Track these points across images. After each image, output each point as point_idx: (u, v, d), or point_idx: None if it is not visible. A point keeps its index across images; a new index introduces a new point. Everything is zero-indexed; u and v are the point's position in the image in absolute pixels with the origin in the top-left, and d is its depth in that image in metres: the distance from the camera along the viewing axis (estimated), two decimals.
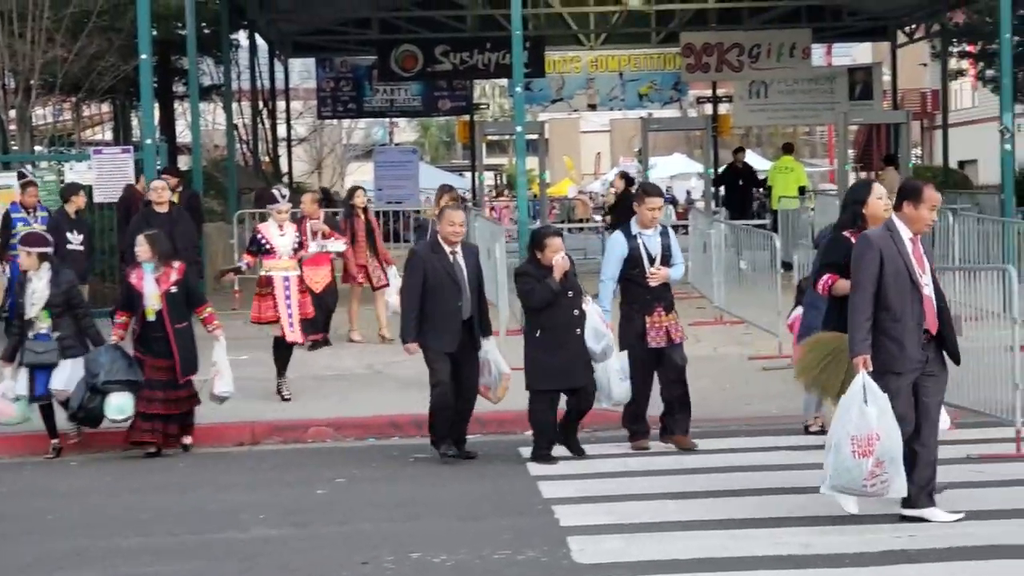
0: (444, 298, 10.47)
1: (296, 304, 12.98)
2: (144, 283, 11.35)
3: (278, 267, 13.05)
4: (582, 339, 10.39)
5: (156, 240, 11.55)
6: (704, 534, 8.21)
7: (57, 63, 19.79)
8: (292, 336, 12.92)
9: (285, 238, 13.17)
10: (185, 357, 11.37)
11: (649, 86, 33.87)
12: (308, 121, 43.82)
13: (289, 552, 8.13)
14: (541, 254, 10.44)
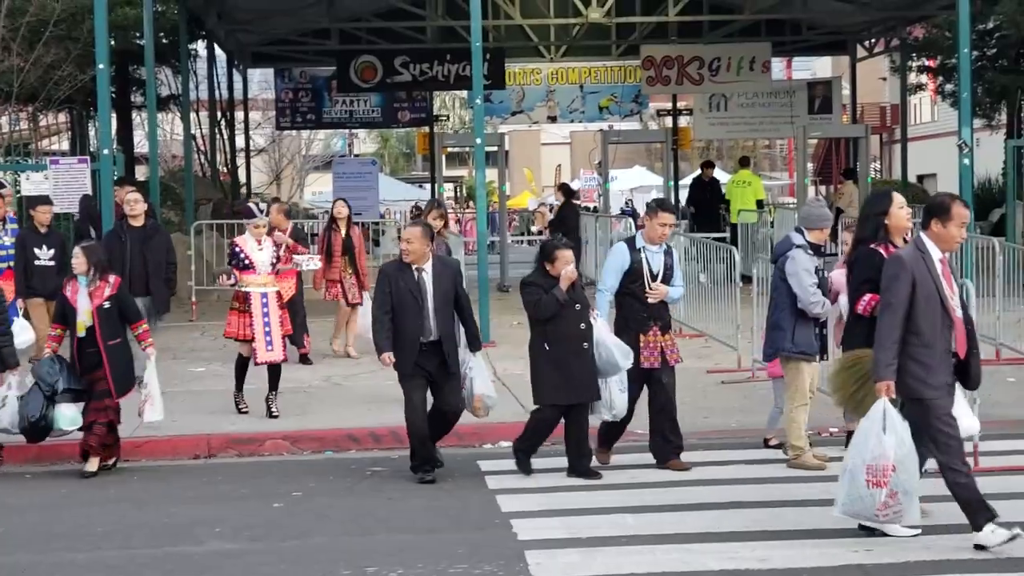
0: (404, 317, 10.25)
1: (275, 321, 12.65)
2: (78, 297, 11.01)
3: (256, 283, 12.73)
4: (590, 353, 10.16)
5: (91, 252, 11.19)
6: (661, 548, 8.20)
7: (13, 72, 19.63)
8: (269, 356, 12.54)
9: (263, 253, 12.87)
10: (118, 375, 10.97)
11: (609, 99, 33.94)
12: (267, 132, 43.69)
13: (245, 566, 8.06)
14: (551, 265, 10.24)
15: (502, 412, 12.43)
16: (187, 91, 25.24)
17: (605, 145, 28.05)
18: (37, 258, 14.77)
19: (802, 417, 10.43)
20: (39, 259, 14.80)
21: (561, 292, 10.14)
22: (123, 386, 11.04)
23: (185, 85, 25.13)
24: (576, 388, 10.16)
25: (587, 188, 52.35)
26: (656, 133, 35.98)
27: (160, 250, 14.44)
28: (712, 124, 32.21)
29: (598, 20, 28.87)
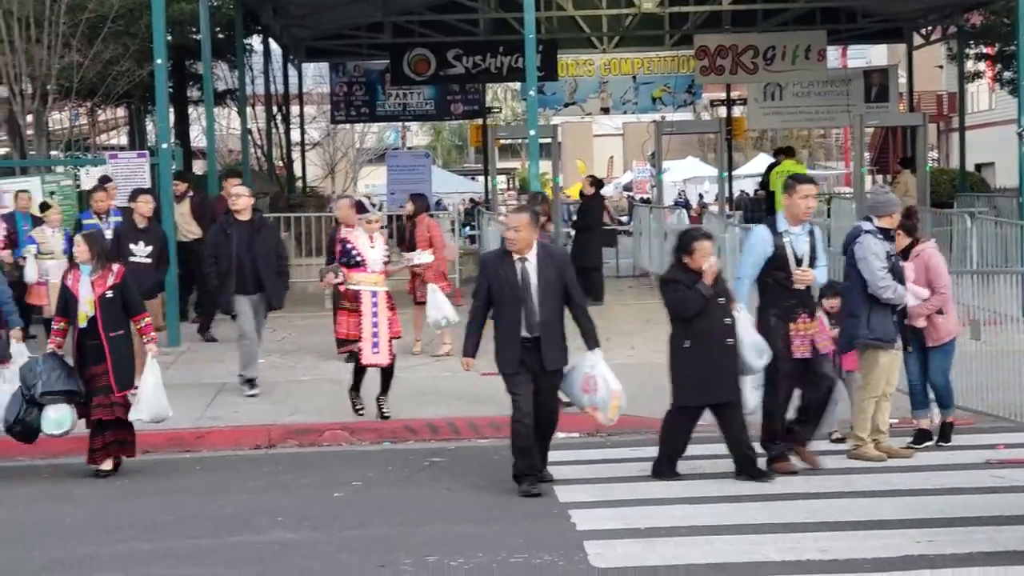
0: (505, 310, 9.59)
1: (384, 322, 12.11)
2: (80, 286, 10.63)
3: (367, 281, 12.23)
4: (733, 350, 9.65)
5: (94, 240, 10.85)
6: (721, 539, 8.19)
7: (73, 68, 19.88)
8: (375, 359, 12.04)
9: (375, 250, 12.36)
10: (120, 369, 10.57)
11: (662, 89, 33.84)
12: (321, 125, 43.89)
13: (306, 556, 8.13)
14: (689, 258, 9.68)
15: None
16: (243, 86, 25.41)
17: (659, 136, 27.96)
18: (132, 254, 13.84)
19: (871, 409, 10.29)
20: (135, 255, 13.84)
21: (706, 287, 9.61)
22: (124, 380, 10.64)
23: (241, 80, 25.30)
24: (721, 386, 9.66)
25: (640, 179, 52.27)
26: (710, 123, 35.77)
27: (269, 244, 13.67)
28: (767, 113, 32.03)
29: (651, 10, 28.86)
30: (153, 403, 10.68)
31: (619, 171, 64.52)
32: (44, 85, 19.83)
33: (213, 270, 13.33)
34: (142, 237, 13.96)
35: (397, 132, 59.44)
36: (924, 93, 42.91)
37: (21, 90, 19.93)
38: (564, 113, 36.34)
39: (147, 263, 13.86)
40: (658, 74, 33.66)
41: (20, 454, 11.51)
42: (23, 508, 9.75)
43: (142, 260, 13.81)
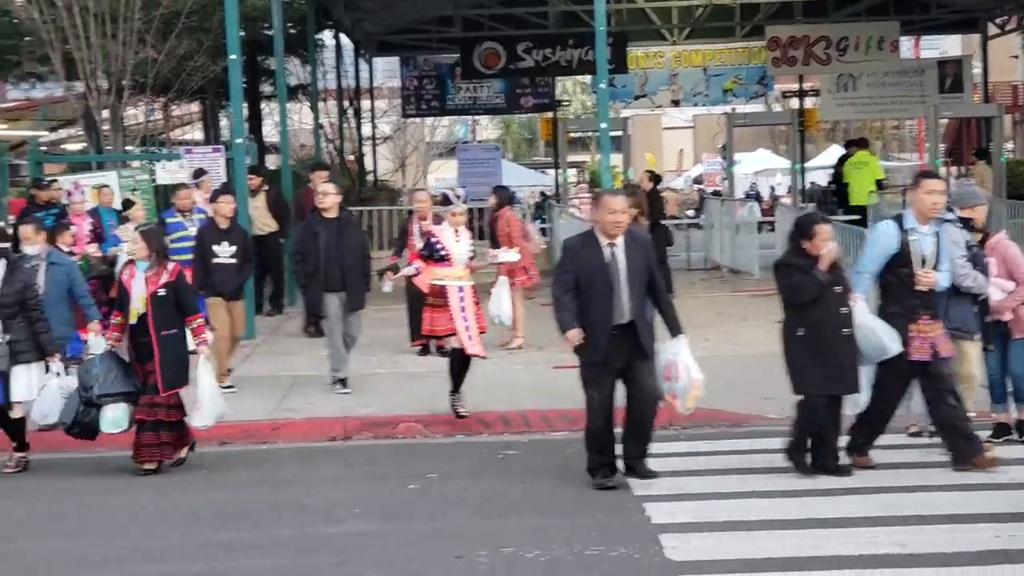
0: (593, 298, 9.26)
1: (472, 316, 11.93)
2: (133, 282, 10.52)
3: (452, 276, 11.96)
4: (850, 340, 9.37)
5: (152, 236, 10.71)
6: (797, 533, 8.16)
7: (148, 64, 20.09)
8: (473, 348, 11.85)
9: (461, 244, 12.10)
10: (169, 368, 10.40)
11: (734, 81, 33.67)
12: (392, 119, 44.06)
13: (383, 546, 8.19)
14: (809, 243, 9.38)
15: None
16: (315, 81, 25.60)
17: (730, 128, 27.86)
18: (216, 255, 13.44)
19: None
20: (218, 256, 13.46)
21: (822, 273, 9.34)
22: (171, 380, 10.46)
23: (313, 75, 25.48)
24: (836, 379, 9.41)
25: (710, 172, 52.04)
26: (782, 115, 35.53)
27: (355, 241, 13.42)
28: (840, 105, 31.77)
29: (722, 1, 28.71)
30: (213, 406, 10.66)
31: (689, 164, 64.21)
32: (119, 80, 20.07)
33: (301, 268, 13.25)
34: (225, 237, 13.58)
35: (467, 126, 59.56)
36: (999, 84, 42.27)
37: (97, 85, 20.19)
38: (634, 106, 36.27)
39: (231, 264, 13.53)
40: (729, 66, 33.51)
41: (98, 446, 11.67)
42: (104, 497, 9.90)
43: (226, 261, 13.48)
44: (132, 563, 8.05)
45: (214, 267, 13.36)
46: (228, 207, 13.73)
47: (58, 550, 8.40)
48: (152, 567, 7.97)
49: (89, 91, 20.25)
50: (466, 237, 12.20)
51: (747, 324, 16.30)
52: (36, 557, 8.27)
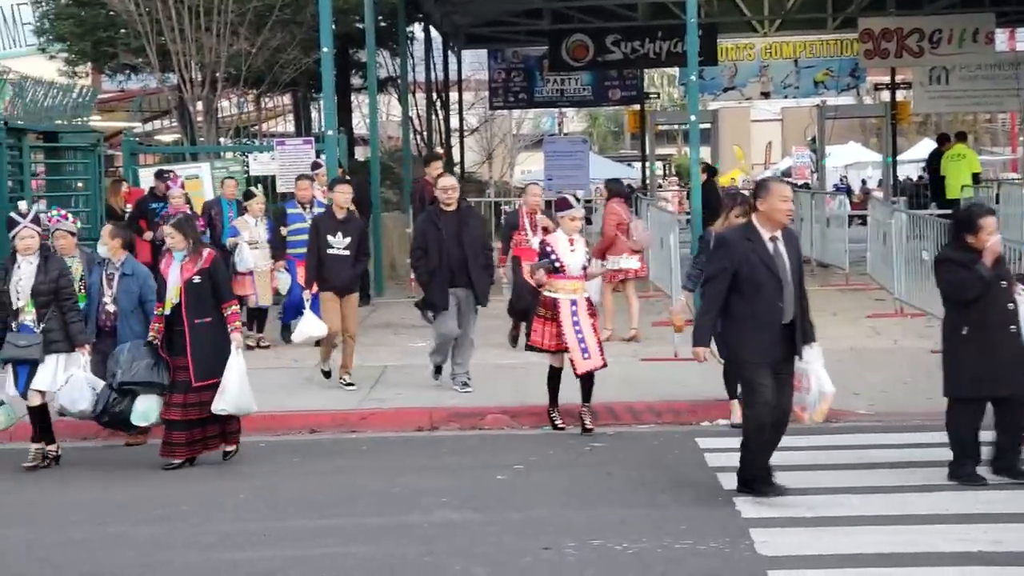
0: (759, 296, 8.63)
1: (588, 327, 11.25)
2: (170, 271, 10.40)
3: (565, 288, 11.32)
4: (1017, 338, 8.96)
5: (185, 226, 10.50)
6: (889, 529, 8.07)
7: (241, 56, 20.28)
8: (588, 364, 11.17)
9: (576, 254, 11.40)
10: (200, 358, 10.24)
11: (825, 73, 33.34)
12: (479, 112, 44.16)
13: (471, 536, 8.23)
14: (974, 237, 8.97)
15: (719, 391, 12.42)
16: (405, 73, 25.71)
17: (822, 121, 27.61)
18: (331, 246, 12.96)
19: None
20: (332, 247, 12.96)
21: (986, 268, 8.93)
22: (204, 370, 10.26)
23: (403, 67, 25.61)
24: (1003, 378, 8.96)
25: (799, 165, 51.53)
26: (874, 108, 35.17)
27: (477, 235, 12.82)
28: (932, 98, 31.37)
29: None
30: (237, 395, 10.34)
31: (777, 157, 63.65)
32: (213, 73, 20.28)
33: (422, 265, 12.67)
34: (340, 228, 13.03)
35: (553, 118, 59.50)
36: None
37: (191, 77, 20.43)
38: (723, 98, 36.07)
39: (345, 255, 13.00)
40: (820, 57, 33.20)
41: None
42: (196, 484, 10.04)
43: (340, 252, 12.97)
44: (219, 549, 8.15)
45: (327, 258, 12.94)
46: (345, 196, 13.20)
47: (147, 537, 8.52)
48: (239, 553, 8.06)
49: (183, 83, 20.49)
50: (581, 246, 11.53)
51: (836, 319, 16.13)
52: (125, 542, 8.40)
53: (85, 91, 18.54)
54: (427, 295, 12.85)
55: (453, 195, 12.62)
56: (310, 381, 13.57)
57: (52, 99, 16.89)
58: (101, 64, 24.73)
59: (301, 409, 12.33)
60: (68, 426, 11.44)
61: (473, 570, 7.53)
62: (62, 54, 24.81)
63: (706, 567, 7.44)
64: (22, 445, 10.90)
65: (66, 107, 17.19)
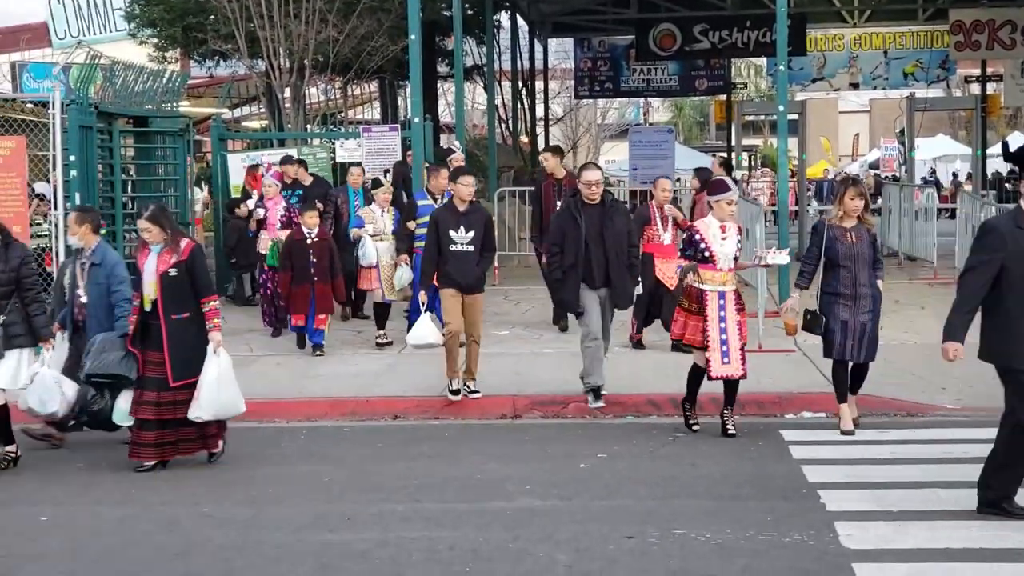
0: None
1: (733, 326, 10.67)
2: (146, 265, 9.80)
3: (714, 281, 10.73)
4: None
5: (160, 217, 9.85)
6: (976, 523, 8.00)
7: (329, 43, 20.44)
8: (726, 370, 10.63)
9: (727, 243, 10.75)
10: (178, 356, 9.66)
11: (915, 65, 32.93)
12: (564, 101, 44.17)
13: (555, 523, 8.26)
14: None
15: (803, 382, 12.40)
16: (491, 61, 25.77)
17: (911, 112, 27.28)
18: (453, 242, 12.10)
19: None
20: (454, 243, 12.10)
21: None
22: (182, 370, 9.71)
23: (489, 55, 25.67)
24: None
25: (887, 157, 50.99)
26: (964, 100, 34.65)
27: (620, 231, 11.85)
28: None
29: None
30: (214, 400, 9.79)
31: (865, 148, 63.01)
32: (301, 59, 20.47)
33: (556, 262, 11.82)
34: (463, 222, 12.13)
35: (638, 108, 59.33)
36: None
37: (279, 64, 20.63)
38: (811, 89, 35.72)
39: (468, 251, 12.14)
40: (910, 49, 32.77)
41: (279, 416, 12.03)
42: (282, 467, 10.17)
43: (463, 248, 12.12)
44: (309, 531, 8.25)
45: (449, 256, 12.08)
46: (468, 189, 12.31)
47: (238, 518, 8.65)
48: (329, 535, 8.15)
49: (271, 70, 20.69)
50: (734, 233, 10.81)
51: (924, 313, 15.97)
52: (217, 522, 8.53)
53: (175, 76, 18.76)
54: (558, 294, 12.27)
55: (597, 190, 11.75)
56: (393, 368, 13.68)
57: (142, 84, 17.10)
58: (190, 50, 25.03)
59: (385, 395, 12.44)
60: None
61: (557, 556, 7.57)
62: (152, 40, 25.16)
63: (790, 559, 7.42)
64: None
65: (156, 92, 17.40)
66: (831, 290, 10.67)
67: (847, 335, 10.59)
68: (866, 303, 10.65)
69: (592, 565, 7.41)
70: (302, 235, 14.31)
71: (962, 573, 7.09)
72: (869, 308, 10.67)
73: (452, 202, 12.36)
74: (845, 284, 10.61)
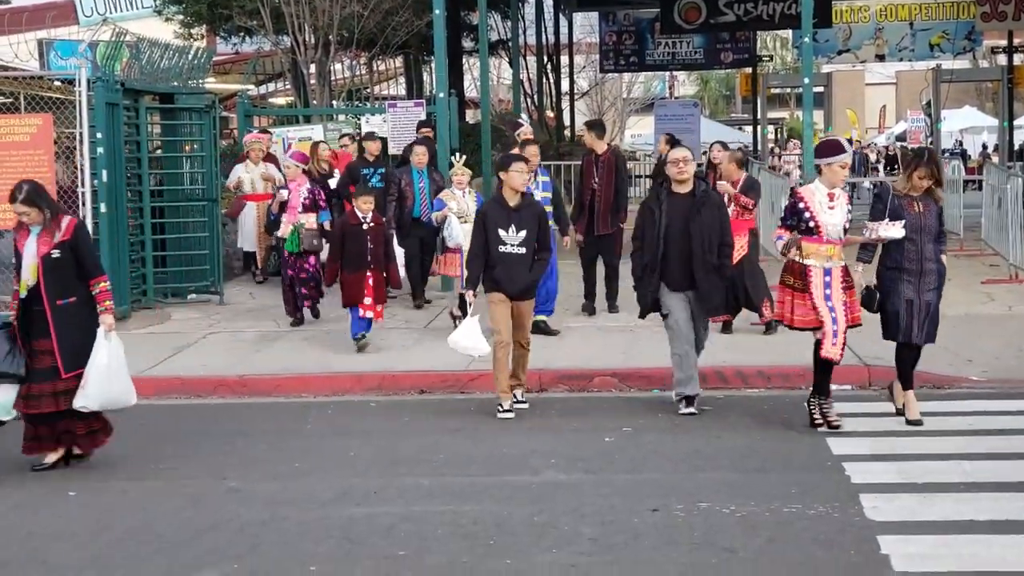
0: None
1: (840, 306, 9.72)
2: (26, 247, 9.08)
3: (819, 254, 9.73)
4: None
5: (37, 197, 9.08)
6: (1003, 496, 7.99)
7: (354, 19, 20.44)
8: (832, 352, 9.70)
9: (836, 212, 9.73)
10: (68, 345, 9.00)
11: (941, 36, 32.73)
12: (590, 75, 44.06)
13: (580, 497, 8.29)
14: None
15: None
16: (516, 36, 25.72)
17: (937, 84, 27.19)
18: (502, 242, 10.68)
19: None
20: (504, 243, 10.69)
21: None
22: (73, 360, 9.02)
23: (514, 30, 25.63)
24: None
25: (914, 129, 50.67)
26: (991, 71, 34.46)
27: (710, 226, 10.38)
28: None
29: None
30: (103, 389, 9.09)
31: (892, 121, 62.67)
32: (326, 35, 20.48)
33: (637, 258, 10.69)
34: (514, 219, 10.69)
35: (664, 82, 59.17)
36: None
37: (304, 40, 20.64)
38: (837, 61, 35.58)
39: (520, 253, 10.70)
40: (936, 20, 32.58)
41: (305, 391, 12.09)
42: (308, 441, 10.22)
43: (513, 250, 10.68)
44: (335, 505, 8.30)
45: (497, 258, 10.68)
46: (521, 178, 10.79)
47: (264, 492, 8.70)
48: (355, 509, 8.20)
49: (296, 46, 20.71)
50: (843, 202, 9.81)
51: (950, 285, 15.71)
52: (243, 497, 8.59)
53: (201, 53, 18.78)
54: (637, 295, 10.85)
55: (686, 168, 10.41)
56: (419, 343, 13.71)
57: (168, 61, 17.14)
58: (216, 26, 25.08)
59: (411, 369, 12.48)
60: (185, 384, 11.67)
61: (581, 530, 7.60)
62: (178, 16, 25.21)
63: (815, 531, 7.43)
64: None
65: (182, 69, 17.44)
66: (894, 264, 9.84)
67: (913, 315, 9.82)
68: (931, 279, 9.85)
69: (617, 538, 7.43)
70: (357, 220, 13.18)
71: (987, 545, 7.08)
72: (934, 285, 9.88)
73: (502, 195, 10.80)
74: (910, 259, 9.80)
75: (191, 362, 13.13)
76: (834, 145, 9.97)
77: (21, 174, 14.35)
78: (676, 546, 7.27)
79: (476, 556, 7.19)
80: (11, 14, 26.30)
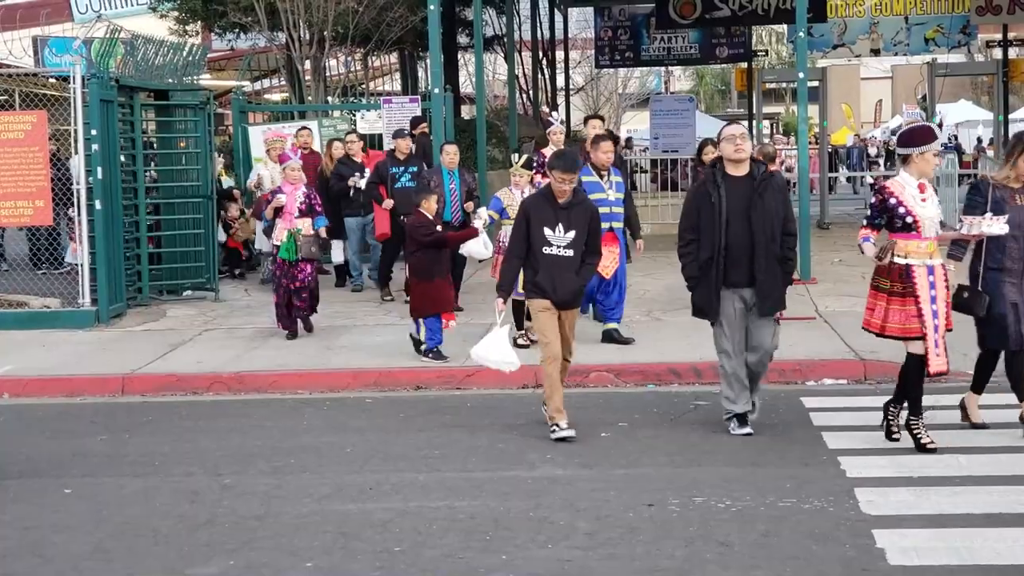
0: None
1: (942, 310, 8.86)
2: None
3: (919, 252, 8.80)
4: None
5: None
6: (997, 489, 8.01)
7: (348, 15, 20.44)
8: (939, 364, 8.86)
9: (928, 205, 8.79)
10: None
11: (936, 30, 32.72)
12: (585, 70, 44.06)
13: (575, 492, 8.30)
14: None
15: (824, 350, 12.39)
16: (511, 31, 25.73)
17: (932, 78, 27.15)
18: (547, 243, 9.68)
19: None
20: (550, 244, 9.69)
21: None
22: None
23: (509, 25, 25.63)
24: None
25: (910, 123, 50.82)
26: (986, 65, 34.46)
27: (773, 213, 9.29)
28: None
29: None
30: None
31: (887, 115, 62.74)
32: (321, 31, 20.48)
33: (691, 253, 9.46)
34: (562, 218, 9.69)
35: (660, 77, 59.21)
36: None
37: (299, 36, 20.63)
38: (832, 55, 35.60)
39: (568, 256, 9.71)
40: (931, 14, 32.55)
41: (301, 387, 12.09)
42: (304, 437, 10.22)
43: (560, 253, 9.70)
44: (331, 501, 8.31)
45: (541, 260, 9.69)
46: (566, 183, 9.71)
47: (260, 488, 8.71)
48: (351, 505, 8.21)
49: (291, 42, 20.71)
50: (933, 193, 8.91)
51: None
52: (240, 493, 8.59)
53: (196, 50, 18.77)
54: (694, 297, 9.64)
55: (743, 145, 9.21)
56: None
57: (163, 58, 17.12)
58: (211, 23, 25.07)
59: (408, 366, 12.48)
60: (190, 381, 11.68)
61: (577, 524, 7.61)
62: (172, 13, 25.18)
63: (810, 525, 7.44)
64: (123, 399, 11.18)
65: (177, 66, 17.43)
66: (996, 265, 9.10)
67: (1020, 319, 9.10)
68: None
69: (612, 533, 7.45)
70: (430, 223, 12.40)
71: (983, 538, 7.09)
72: None
73: (550, 191, 9.78)
74: (1013, 257, 9.05)
75: (187, 358, 13.14)
76: (926, 132, 8.91)
77: (15, 171, 14.38)
78: (672, 540, 7.28)
79: (472, 551, 7.20)
80: (5, 11, 26.25)
